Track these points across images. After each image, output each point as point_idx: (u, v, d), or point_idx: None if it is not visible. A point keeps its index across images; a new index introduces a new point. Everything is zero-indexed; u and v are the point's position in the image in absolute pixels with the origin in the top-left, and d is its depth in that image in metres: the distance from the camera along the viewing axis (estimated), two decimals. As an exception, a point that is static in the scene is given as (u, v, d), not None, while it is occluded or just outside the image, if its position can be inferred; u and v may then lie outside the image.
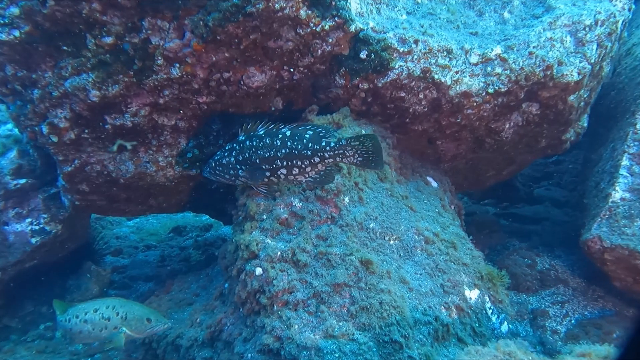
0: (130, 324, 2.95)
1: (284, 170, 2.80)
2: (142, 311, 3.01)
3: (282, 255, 2.72)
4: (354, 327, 2.50)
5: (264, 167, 2.80)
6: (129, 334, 2.97)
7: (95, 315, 2.96)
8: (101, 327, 2.95)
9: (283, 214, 2.86)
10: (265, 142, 2.79)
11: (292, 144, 2.75)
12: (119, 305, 3.02)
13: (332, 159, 2.74)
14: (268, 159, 2.79)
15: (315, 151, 2.73)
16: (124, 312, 2.96)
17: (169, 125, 3.38)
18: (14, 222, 4.23)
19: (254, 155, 2.82)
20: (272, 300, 2.63)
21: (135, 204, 3.89)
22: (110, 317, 2.95)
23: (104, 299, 3.13)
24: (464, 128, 3.49)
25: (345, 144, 2.69)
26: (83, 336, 3.00)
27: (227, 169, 2.96)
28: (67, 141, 3.21)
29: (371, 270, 2.65)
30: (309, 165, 2.76)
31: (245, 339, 2.77)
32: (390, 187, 3.17)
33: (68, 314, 3.03)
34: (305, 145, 2.73)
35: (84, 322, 2.97)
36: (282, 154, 2.76)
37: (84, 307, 3.04)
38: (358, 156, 2.69)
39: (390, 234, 2.95)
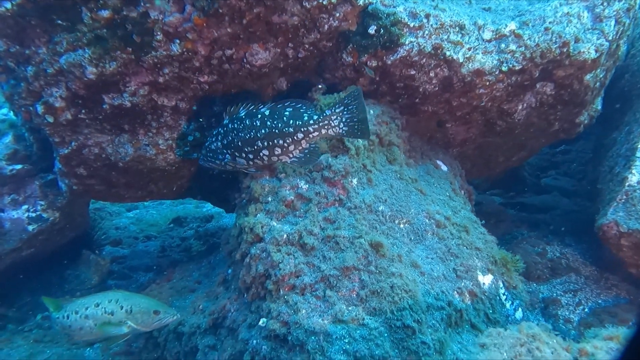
0: (136, 318, 2.78)
1: (265, 152, 2.70)
2: (149, 303, 2.85)
3: (289, 238, 2.60)
4: (364, 311, 2.39)
5: (247, 150, 2.72)
6: (135, 328, 2.81)
7: (97, 310, 2.80)
8: (104, 322, 2.79)
9: (289, 196, 2.74)
10: (245, 124, 2.71)
11: (272, 123, 2.65)
12: (122, 298, 2.85)
13: (316, 133, 2.63)
14: (249, 140, 2.70)
15: (297, 127, 2.62)
16: (128, 306, 2.80)
17: (169, 107, 3.25)
18: (9, 208, 4.11)
19: (235, 138, 2.74)
20: (278, 285, 2.52)
21: (134, 189, 3.76)
22: (114, 311, 2.80)
23: (105, 292, 2.97)
24: (475, 109, 3.36)
25: (329, 114, 2.59)
26: (84, 333, 2.84)
27: (215, 154, 2.90)
28: (63, 122, 3.08)
29: (381, 254, 2.53)
30: (292, 144, 2.66)
31: (250, 325, 2.66)
32: (399, 170, 3.05)
33: (66, 310, 2.86)
34: (286, 122, 2.63)
35: (85, 318, 2.81)
36: (262, 135, 2.66)
37: (83, 302, 2.86)
38: (343, 125, 2.58)
39: (400, 218, 2.83)
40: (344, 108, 2.57)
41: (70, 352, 3.68)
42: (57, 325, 2.90)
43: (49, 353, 3.60)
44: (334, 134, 2.64)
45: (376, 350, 2.25)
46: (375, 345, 2.27)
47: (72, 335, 2.90)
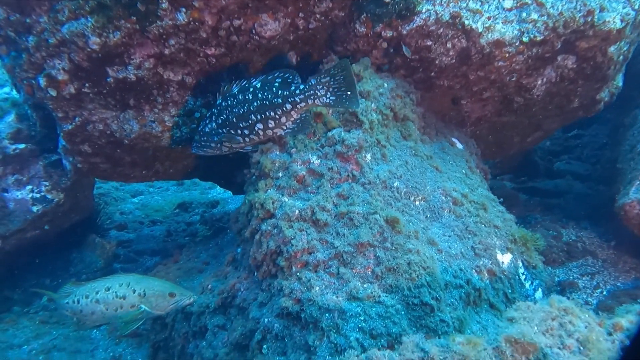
0: (150, 301, 2.67)
1: (260, 125, 2.68)
2: (163, 286, 2.73)
3: (301, 214, 2.50)
4: (379, 289, 2.30)
5: (241, 125, 2.69)
6: (150, 312, 2.69)
7: (108, 294, 2.69)
8: (116, 306, 2.68)
9: (300, 171, 2.64)
10: (239, 99, 2.67)
11: (262, 95, 2.63)
12: (134, 281, 2.72)
13: (303, 103, 2.58)
14: (243, 115, 2.67)
15: (285, 97, 2.59)
16: (141, 289, 2.68)
17: (175, 81, 3.14)
18: (13, 189, 4.04)
19: (230, 115, 2.70)
20: (290, 262, 2.43)
21: (140, 168, 3.68)
22: (126, 295, 2.68)
23: (116, 275, 2.85)
24: (493, 84, 3.23)
25: (314, 83, 2.53)
26: (96, 318, 2.74)
27: (210, 136, 2.82)
28: (66, 96, 2.98)
29: (397, 230, 2.43)
30: (282, 115, 2.63)
31: (261, 304, 2.58)
32: (414, 146, 2.93)
33: (76, 294, 2.75)
34: (275, 93, 2.60)
35: (96, 302, 2.70)
36: (254, 108, 2.64)
37: (94, 285, 2.75)
38: (330, 95, 2.53)
39: (415, 194, 2.72)
40: (330, 78, 2.51)
41: (77, 333, 3.63)
42: (67, 310, 2.79)
43: (55, 334, 3.55)
44: (322, 104, 2.58)
45: (393, 328, 2.16)
46: (392, 322, 2.18)
47: (84, 320, 2.79)
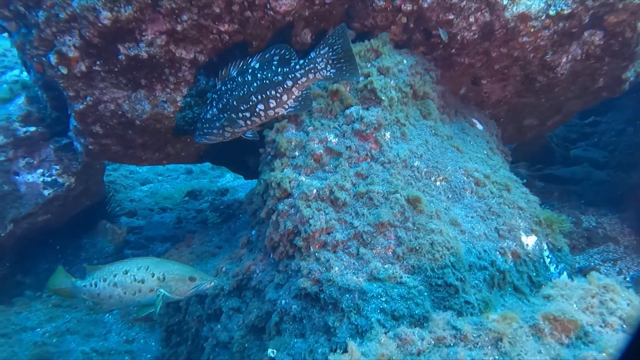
0: (169, 285, 2.59)
1: (261, 106, 2.62)
2: (182, 269, 2.65)
3: (319, 193, 2.43)
4: (401, 269, 2.23)
5: (242, 108, 2.64)
6: (169, 297, 2.61)
7: (126, 278, 2.62)
8: (134, 290, 2.61)
9: (318, 149, 2.56)
10: (238, 81, 2.63)
11: (262, 75, 2.58)
12: (153, 265, 2.65)
13: (304, 78, 2.54)
14: (243, 97, 2.62)
15: (285, 74, 2.54)
16: (160, 273, 2.60)
17: (188, 59, 3.06)
18: (24, 172, 4.01)
19: (230, 98, 2.65)
20: (308, 242, 2.36)
21: (152, 150, 3.62)
22: (145, 279, 2.61)
23: (134, 259, 2.77)
24: (516, 62, 3.11)
25: (314, 56, 2.49)
26: (114, 301, 2.67)
27: (212, 123, 2.76)
28: (77, 74, 2.92)
29: (419, 209, 2.35)
30: (284, 93, 2.58)
31: (277, 285, 2.52)
32: (434, 125, 2.83)
33: (94, 277, 2.68)
34: (275, 71, 2.56)
35: (114, 286, 2.63)
36: (254, 88, 2.59)
37: (111, 269, 2.68)
38: (330, 67, 2.48)
39: (436, 175, 2.63)
40: (329, 48, 2.45)
41: (90, 317, 3.62)
42: (84, 293, 2.71)
43: (68, 317, 3.54)
44: (323, 77, 2.54)
45: (416, 310, 2.08)
46: (415, 304, 2.11)
47: (101, 304, 2.71)
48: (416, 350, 1.44)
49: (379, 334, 1.51)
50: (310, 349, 2.19)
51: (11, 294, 4.33)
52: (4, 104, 3.99)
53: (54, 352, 3.07)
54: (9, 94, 4.01)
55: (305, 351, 2.19)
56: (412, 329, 1.51)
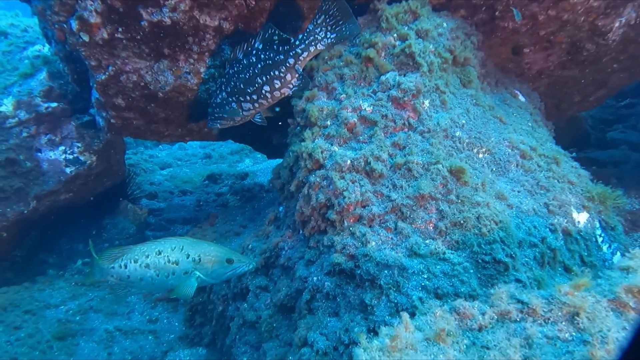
0: (205, 268, 2.42)
1: (267, 87, 2.59)
2: (219, 251, 2.46)
3: (353, 164, 2.27)
4: (444, 245, 2.06)
5: (249, 91, 2.62)
6: (204, 279, 2.44)
7: (159, 259, 2.44)
8: (168, 272, 2.44)
9: (351, 118, 2.39)
10: (244, 64, 2.61)
11: (265, 55, 2.57)
12: (188, 245, 2.47)
13: (306, 53, 2.50)
14: (249, 79, 2.60)
15: (286, 52, 2.52)
16: (196, 254, 2.42)
17: (212, 27, 2.92)
18: (46, 149, 3.96)
19: (237, 81, 2.63)
20: (342, 215, 2.21)
21: (174, 125, 3.51)
22: (179, 260, 2.43)
23: (168, 239, 2.56)
24: (564, 27, 2.87)
25: (312, 28, 2.46)
26: (145, 284, 2.48)
27: (222, 107, 2.73)
28: (99, 41, 2.80)
29: (463, 181, 2.17)
30: (287, 72, 2.55)
31: (308, 262, 2.38)
32: (475, 94, 2.63)
33: (124, 258, 2.51)
34: (277, 50, 2.54)
35: (146, 267, 2.46)
36: (259, 70, 2.57)
37: (143, 249, 2.49)
38: (330, 32, 2.44)
39: (479, 146, 2.44)
40: (325, 15, 2.41)
41: (113, 296, 3.56)
42: (112, 275, 2.53)
43: (91, 296, 3.49)
44: (324, 46, 2.48)
45: (461, 288, 1.92)
46: (460, 281, 1.95)
47: (130, 287, 2.56)
48: (477, 325, 1.28)
49: (432, 307, 1.36)
50: (345, 327, 2.05)
51: (34, 272, 4.33)
52: (26, 79, 3.93)
53: (78, 330, 3.02)
54: (30, 69, 3.95)
55: (341, 330, 2.05)
56: (470, 302, 1.35)
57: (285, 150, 3.93)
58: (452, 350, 1.17)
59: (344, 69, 2.56)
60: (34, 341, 2.71)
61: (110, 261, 2.51)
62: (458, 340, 1.23)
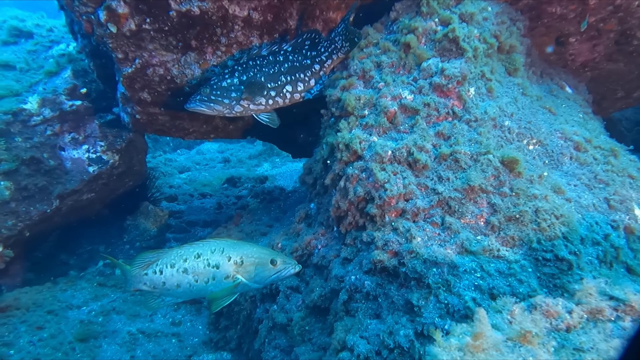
0: (248, 271, 2.18)
1: (289, 87, 2.71)
2: (262, 252, 2.23)
3: (394, 154, 2.12)
4: (498, 241, 1.89)
5: (269, 86, 2.69)
6: (247, 284, 2.20)
7: (198, 263, 2.19)
8: (207, 277, 2.19)
9: (391, 106, 2.25)
10: (269, 59, 2.70)
11: (293, 57, 2.71)
12: (229, 247, 2.22)
13: (329, 60, 2.70)
14: (273, 75, 2.68)
15: (313, 58, 2.70)
16: (237, 256, 2.19)
17: (241, 17, 2.82)
18: (70, 147, 3.91)
19: (258, 74, 2.67)
20: (382, 210, 2.05)
21: (199, 122, 3.41)
22: (220, 264, 2.19)
23: (206, 240, 2.32)
24: (615, 13, 2.69)
25: (333, 36, 2.65)
26: (182, 291, 2.23)
27: (227, 92, 2.66)
28: (126, 32, 2.73)
29: (517, 172, 2.00)
30: (312, 77, 2.73)
31: (344, 260, 2.23)
32: (522, 83, 2.47)
33: (159, 263, 2.25)
34: (305, 54, 2.71)
35: (183, 272, 2.21)
36: (285, 69, 2.69)
37: (181, 252, 2.24)
38: (344, 41, 2.63)
39: (529, 137, 2.26)
40: (343, 24, 2.60)
41: (135, 297, 3.45)
42: (145, 282, 2.26)
43: (113, 297, 3.39)
44: (344, 54, 2.64)
45: (520, 288, 1.74)
46: (518, 281, 1.77)
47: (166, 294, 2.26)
48: (564, 325, 1.11)
49: (507, 304, 1.19)
50: (389, 330, 1.88)
51: (55, 274, 4.26)
52: (51, 77, 3.90)
53: (100, 332, 2.91)
54: (55, 67, 3.92)
55: (384, 333, 1.88)
56: (552, 298, 1.18)
57: (311, 148, 3.80)
58: (542, 352, 1.00)
59: (381, 56, 2.42)
60: (56, 342, 2.60)
61: (143, 267, 2.25)
62: (544, 342, 1.06)
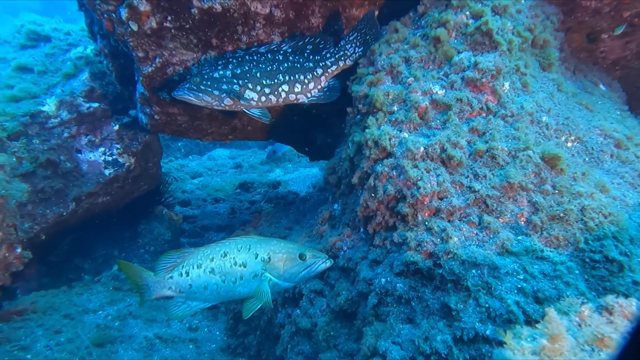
0: (276, 268, 2.02)
1: (285, 87, 2.64)
2: (290, 246, 2.07)
3: (427, 151, 2.03)
4: (540, 242, 1.78)
5: (264, 83, 2.62)
6: (277, 283, 2.04)
7: (224, 262, 2.04)
8: (235, 277, 2.04)
9: (422, 101, 2.16)
10: (267, 57, 2.64)
11: (294, 58, 2.65)
12: (255, 244, 2.06)
13: (335, 66, 2.67)
14: (270, 72, 2.62)
15: (317, 61, 2.65)
16: (265, 253, 2.03)
17: (263, 15, 2.76)
18: (86, 150, 3.87)
19: (254, 69, 2.61)
20: (415, 209, 1.96)
21: (218, 122, 3.36)
22: (247, 262, 2.03)
23: (233, 238, 2.15)
24: (652, 7, 2.59)
25: (344, 44, 2.64)
26: (209, 293, 2.07)
27: (218, 83, 2.58)
28: (147, 31, 2.69)
29: (559, 169, 1.89)
30: (311, 80, 2.67)
31: (373, 262, 2.13)
32: (557, 79, 2.37)
33: (185, 265, 2.07)
34: (307, 57, 2.65)
35: (210, 273, 2.04)
36: (284, 68, 2.63)
37: (207, 252, 2.07)
38: (358, 47, 2.63)
39: (567, 133, 2.16)
40: (357, 34, 2.60)
41: (152, 301, 3.36)
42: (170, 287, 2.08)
43: (129, 301, 3.31)
44: (352, 61, 2.63)
45: (567, 291, 1.62)
46: (565, 284, 1.65)
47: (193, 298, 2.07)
48: (642, 328, 1.00)
49: (574, 305, 1.09)
50: (425, 336, 1.77)
51: (70, 278, 4.21)
52: (69, 79, 3.89)
53: (117, 337, 2.83)
54: (73, 69, 3.91)
55: (419, 338, 1.78)
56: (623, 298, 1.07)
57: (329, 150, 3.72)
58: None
59: (410, 51, 2.34)
60: (73, 347, 2.53)
61: (168, 270, 2.09)
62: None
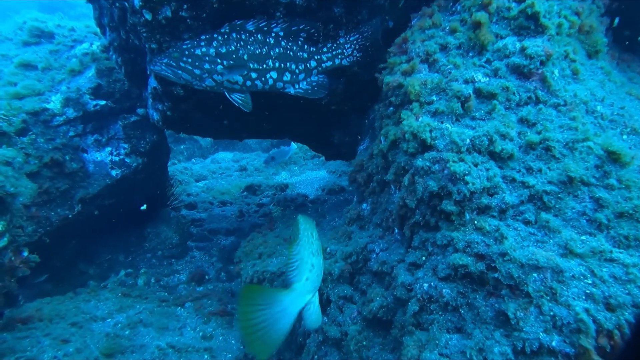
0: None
1: (274, 74, 2.48)
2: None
3: (473, 143, 1.85)
4: (608, 242, 1.60)
5: (252, 67, 2.43)
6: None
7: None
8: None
9: (465, 90, 1.98)
10: (257, 38, 2.43)
11: (286, 44, 2.48)
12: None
13: (330, 62, 2.56)
14: (259, 56, 2.42)
15: (311, 53, 2.53)
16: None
17: (284, 3, 2.59)
18: (93, 149, 3.69)
19: (241, 50, 2.40)
20: (462, 206, 1.78)
21: (231, 119, 3.17)
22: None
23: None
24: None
25: (342, 42, 2.56)
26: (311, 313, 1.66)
27: (200, 61, 2.37)
28: (162, 20, 2.52)
29: (623, 162, 1.72)
30: (302, 72, 2.53)
31: (411, 266, 1.95)
32: (605, 67, 2.20)
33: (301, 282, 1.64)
34: (301, 47, 2.51)
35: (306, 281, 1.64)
36: (275, 54, 2.46)
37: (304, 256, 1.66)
38: (357, 52, 2.55)
39: (623, 124, 1.99)
40: (360, 37, 2.54)
41: (162, 308, 3.18)
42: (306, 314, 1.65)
43: (139, 308, 3.12)
44: (348, 63, 2.58)
45: (644, 297, 1.45)
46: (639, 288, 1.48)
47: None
48: None
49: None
50: (479, 347, 1.60)
51: (74, 284, 4.02)
52: (74, 76, 3.72)
53: (128, 346, 2.64)
54: (79, 66, 3.74)
55: (472, 350, 1.60)
56: None
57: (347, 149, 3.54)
58: None
59: (447, 37, 2.17)
60: (82, 357, 2.33)
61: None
62: None
